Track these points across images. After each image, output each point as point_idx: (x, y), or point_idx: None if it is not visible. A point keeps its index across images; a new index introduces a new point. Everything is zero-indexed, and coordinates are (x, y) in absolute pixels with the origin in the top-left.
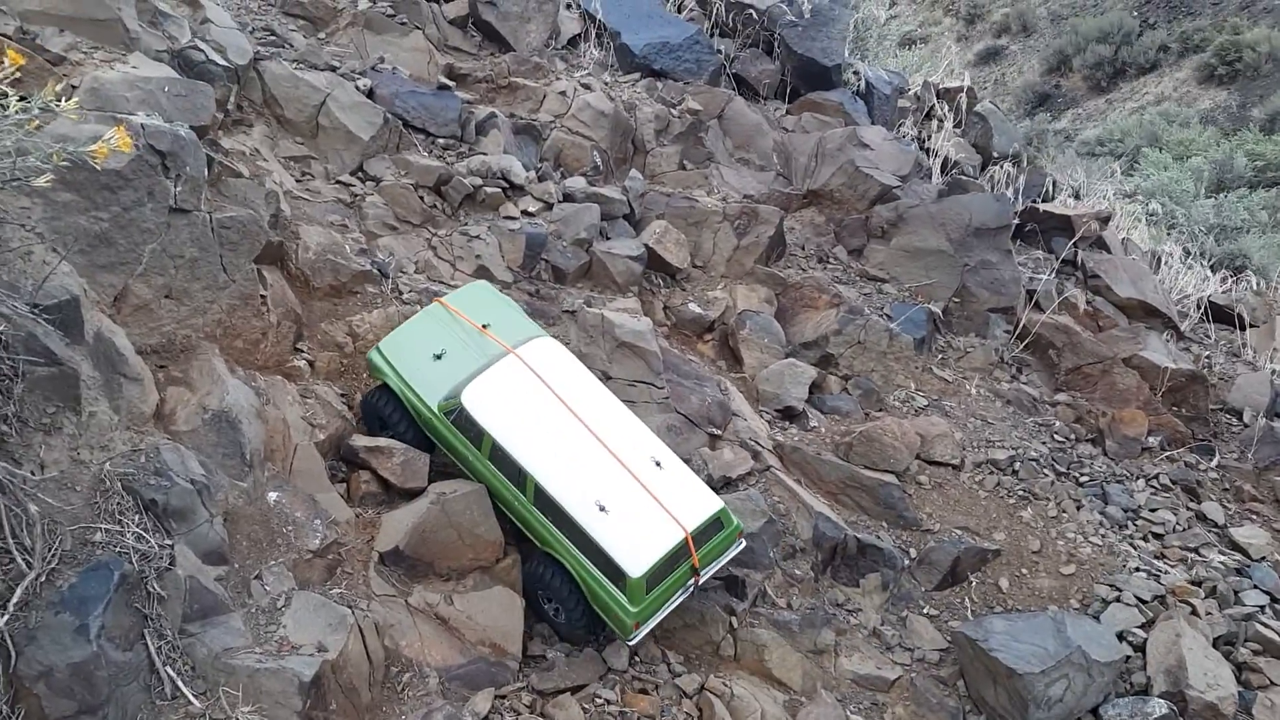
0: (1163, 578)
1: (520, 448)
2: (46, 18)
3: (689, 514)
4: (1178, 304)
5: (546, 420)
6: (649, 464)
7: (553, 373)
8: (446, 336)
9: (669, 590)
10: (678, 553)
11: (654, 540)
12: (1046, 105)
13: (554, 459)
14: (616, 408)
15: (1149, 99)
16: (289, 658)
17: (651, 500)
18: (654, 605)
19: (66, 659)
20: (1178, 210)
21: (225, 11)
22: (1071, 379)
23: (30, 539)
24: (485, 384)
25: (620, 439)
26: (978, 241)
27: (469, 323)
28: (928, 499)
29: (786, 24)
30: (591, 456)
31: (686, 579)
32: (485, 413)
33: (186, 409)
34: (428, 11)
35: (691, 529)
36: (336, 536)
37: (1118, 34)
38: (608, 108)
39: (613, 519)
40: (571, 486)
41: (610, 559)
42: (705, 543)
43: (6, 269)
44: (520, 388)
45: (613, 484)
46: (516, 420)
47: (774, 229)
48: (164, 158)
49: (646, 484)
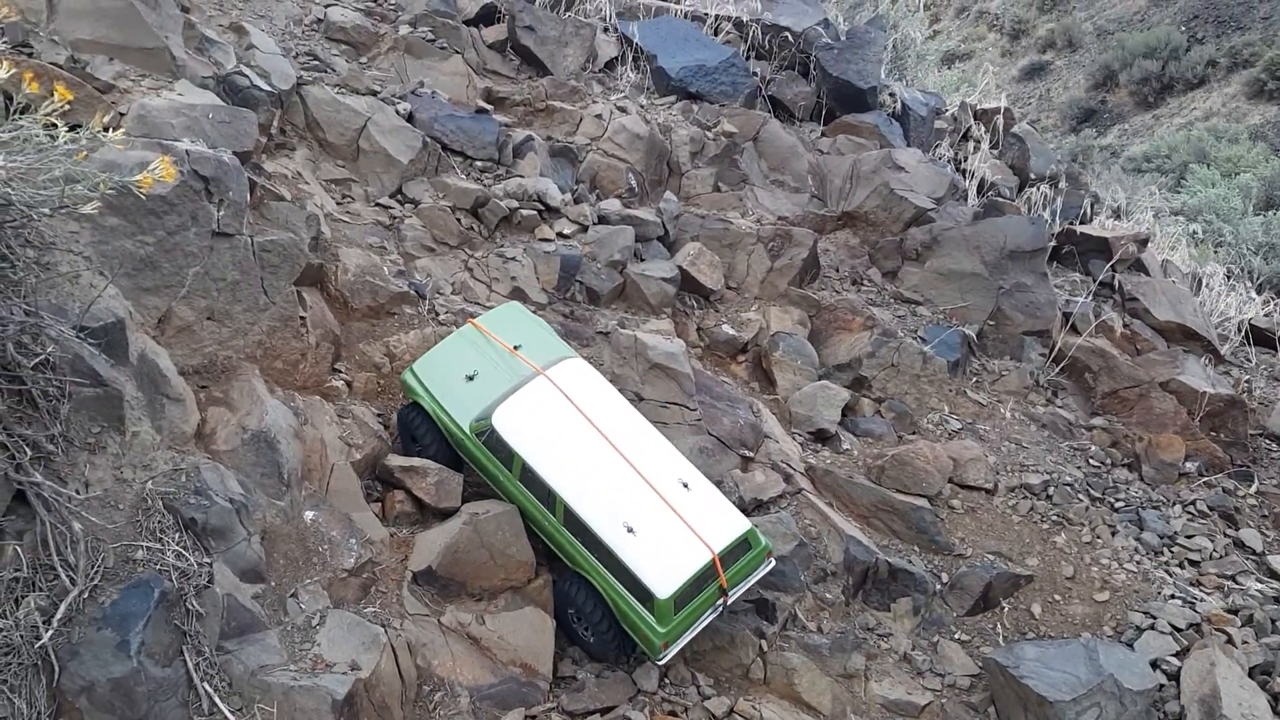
0: (1198, 605)
1: (549, 469)
2: (96, 46)
3: (716, 535)
4: (1218, 327)
5: (575, 442)
6: (676, 485)
7: (581, 394)
8: (478, 358)
9: (698, 610)
10: (705, 573)
11: (681, 562)
12: (1092, 121)
13: (582, 480)
14: (645, 429)
15: (1197, 115)
16: (323, 676)
17: (679, 521)
18: (683, 625)
19: (108, 674)
20: (1225, 228)
21: (270, 38)
22: (1108, 403)
23: (74, 556)
24: (516, 405)
25: (648, 460)
26: (1013, 264)
27: (500, 344)
28: (960, 523)
29: (822, 46)
30: (619, 478)
31: (715, 599)
32: (515, 434)
33: (227, 429)
34: (467, 36)
35: (719, 550)
36: (371, 556)
37: (1165, 49)
38: (643, 130)
39: (640, 540)
40: (600, 508)
41: (638, 580)
42: (733, 563)
43: (55, 292)
44: (550, 409)
45: (640, 505)
46: (546, 442)
47: (808, 251)
48: (207, 183)
49: (674, 505)
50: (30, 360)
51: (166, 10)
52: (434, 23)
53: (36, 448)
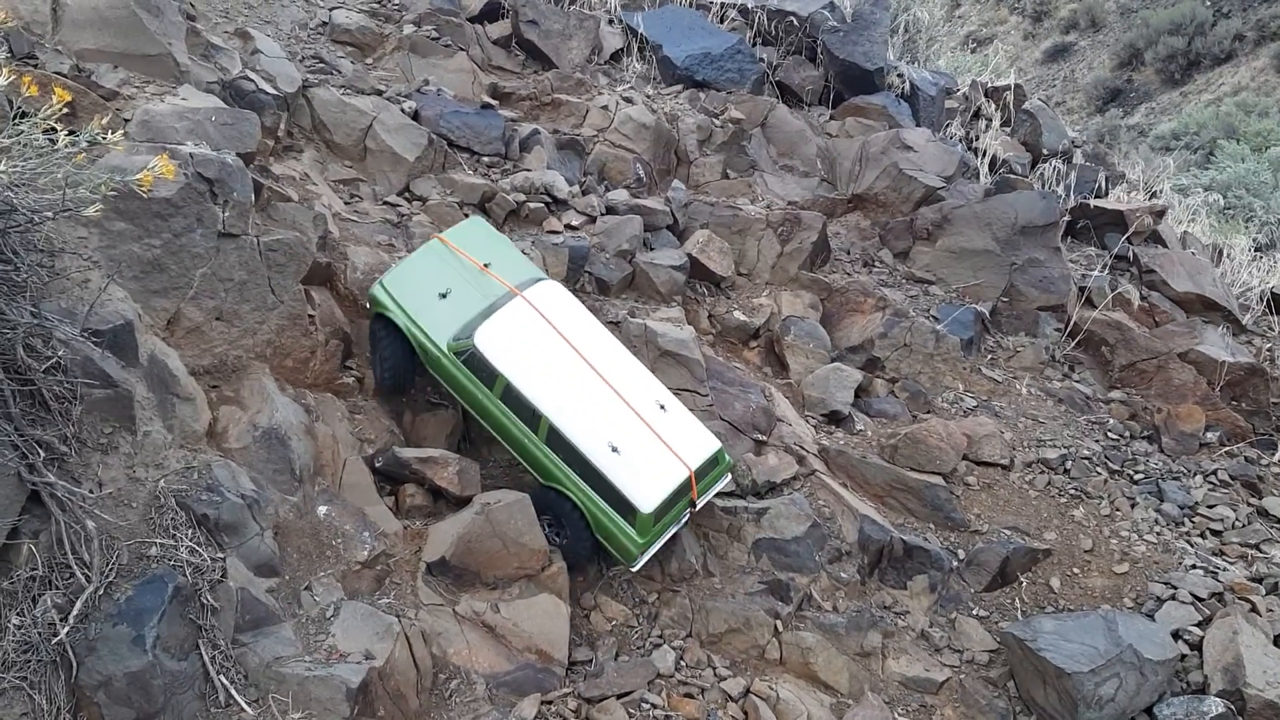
0: (1221, 575)
1: (534, 390)
2: (101, 55)
3: (692, 453)
4: (1240, 297)
5: (557, 363)
6: (654, 407)
7: (559, 316)
8: (450, 275)
9: (669, 521)
10: (682, 488)
11: (663, 478)
12: (1118, 100)
13: (566, 402)
14: (621, 352)
15: (1225, 90)
16: (337, 666)
17: (658, 441)
18: (657, 535)
19: (124, 668)
20: (1256, 203)
21: (275, 42)
22: (1125, 376)
23: (89, 554)
24: (496, 326)
25: (626, 382)
26: (1025, 240)
27: (470, 260)
28: (976, 500)
29: (828, 30)
30: (601, 399)
31: (684, 511)
32: (498, 354)
33: (238, 427)
34: (471, 33)
35: (695, 467)
36: (385, 548)
37: (1190, 25)
38: (649, 120)
39: (625, 459)
40: (585, 428)
41: (623, 496)
42: (703, 478)
43: (65, 296)
44: (530, 331)
45: (622, 426)
46: (528, 363)
47: (817, 234)
48: (212, 185)
49: (653, 426)
50: (41, 364)
51: (169, 17)
52: (438, 21)
53: (50, 449)
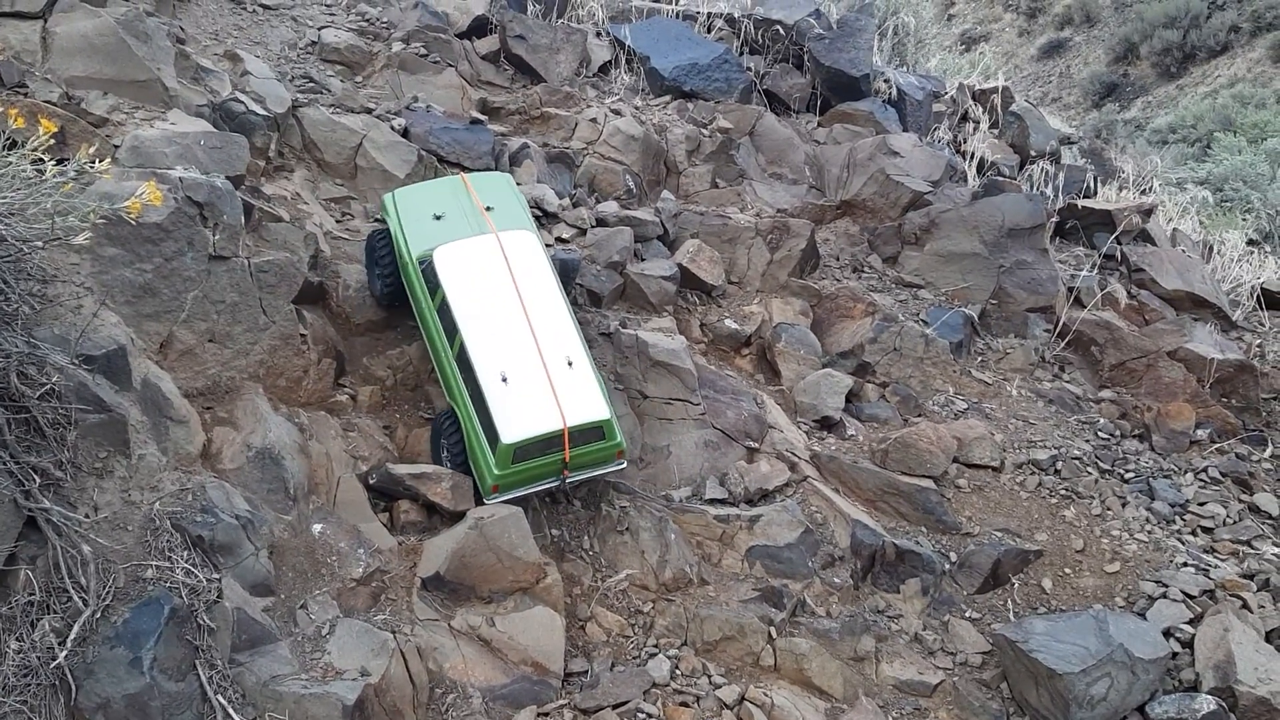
0: (1212, 572)
1: (461, 308)
2: (90, 82)
3: (574, 411)
4: (1231, 293)
5: (494, 295)
6: (562, 361)
7: (519, 258)
8: (452, 204)
9: (536, 473)
10: (552, 440)
11: (535, 420)
12: (1115, 95)
13: (484, 327)
14: (561, 311)
15: (1221, 82)
16: (333, 683)
17: (548, 389)
18: (517, 479)
19: (122, 691)
20: (1253, 194)
21: (264, 63)
22: (1115, 375)
23: (85, 578)
24: (458, 248)
25: (549, 333)
26: (1012, 242)
27: (476, 201)
28: (967, 502)
29: (814, 37)
30: (517, 337)
31: (556, 472)
32: (448, 271)
33: (232, 448)
34: (460, 49)
35: (571, 424)
36: (380, 565)
37: (1185, 17)
38: (638, 132)
39: (508, 391)
40: (488, 353)
41: (493, 423)
42: (583, 445)
43: (58, 322)
44: (485, 261)
45: (523, 363)
46: (470, 286)
47: (806, 241)
48: (201, 208)
49: (551, 374)
50: (36, 390)
51: (158, 43)
52: (426, 38)
53: (45, 475)
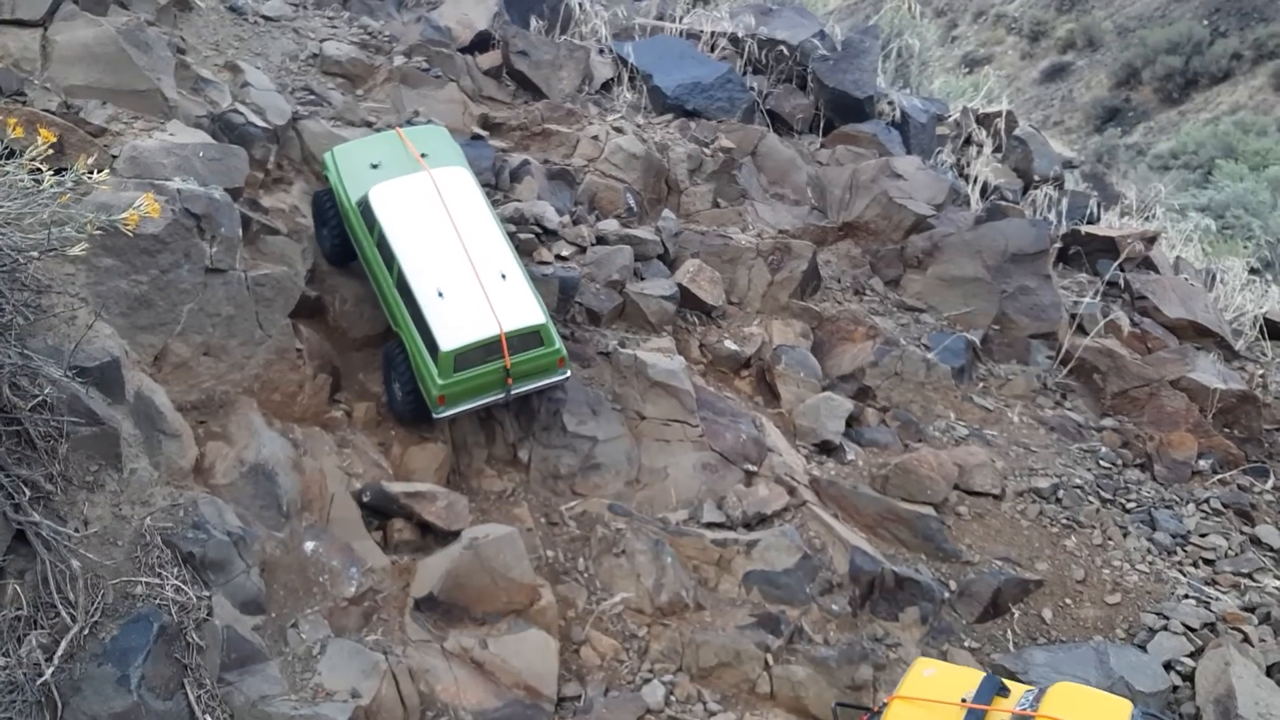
0: (1213, 604)
1: (397, 238)
2: (90, 91)
3: (510, 317)
4: (1233, 322)
5: (427, 223)
6: (495, 274)
7: (451, 190)
8: (388, 154)
9: (479, 383)
10: (491, 346)
11: (472, 327)
12: (1116, 120)
13: (420, 252)
14: (491, 229)
15: (1223, 109)
16: (323, 704)
17: (483, 298)
18: (463, 391)
19: (109, 709)
20: (1254, 222)
21: (265, 75)
22: (1117, 403)
23: (74, 593)
24: (392, 186)
25: (481, 252)
26: (1015, 267)
27: (411, 149)
28: (968, 530)
29: (818, 58)
30: (451, 257)
31: (500, 382)
32: (383, 207)
33: (225, 463)
34: (462, 64)
35: (507, 329)
36: (372, 584)
37: (1188, 44)
38: (640, 150)
39: (444, 304)
40: (424, 274)
41: (431, 334)
42: (522, 351)
43: (52, 333)
44: (420, 195)
45: (457, 279)
46: (405, 218)
47: (807, 263)
48: (199, 220)
49: (485, 286)
50: (28, 402)
51: (158, 53)
52: (428, 52)
53: (35, 488)
